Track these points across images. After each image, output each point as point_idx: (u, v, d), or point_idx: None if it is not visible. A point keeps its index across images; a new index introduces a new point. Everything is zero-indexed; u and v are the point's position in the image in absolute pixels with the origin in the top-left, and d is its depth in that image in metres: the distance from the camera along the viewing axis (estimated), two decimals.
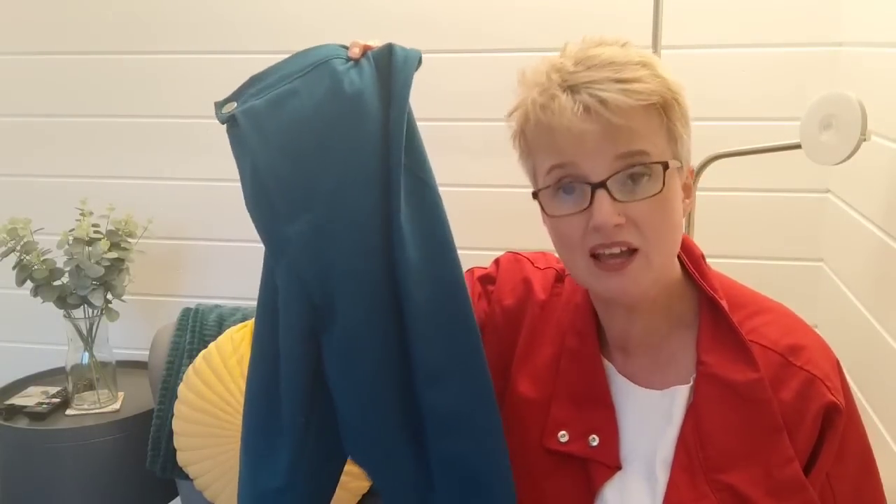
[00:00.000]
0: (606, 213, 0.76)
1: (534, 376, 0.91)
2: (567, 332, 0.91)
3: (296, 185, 0.82)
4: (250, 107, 0.83)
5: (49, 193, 1.80)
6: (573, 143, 0.77)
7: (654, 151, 0.78)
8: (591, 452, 0.85)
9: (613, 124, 0.75)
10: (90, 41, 1.72)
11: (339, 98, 0.81)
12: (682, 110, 0.81)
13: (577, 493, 0.85)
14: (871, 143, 1.09)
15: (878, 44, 1.25)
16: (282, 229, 0.82)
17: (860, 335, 1.26)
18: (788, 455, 0.79)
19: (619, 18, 1.46)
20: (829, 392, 0.80)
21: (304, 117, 0.81)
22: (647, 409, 0.86)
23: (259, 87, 0.84)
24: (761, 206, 1.53)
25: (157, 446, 1.52)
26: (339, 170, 0.81)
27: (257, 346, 0.89)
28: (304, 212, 0.81)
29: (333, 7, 1.61)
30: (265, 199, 0.83)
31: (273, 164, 0.82)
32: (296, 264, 0.82)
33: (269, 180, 0.82)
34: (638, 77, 0.77)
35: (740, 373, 0.82)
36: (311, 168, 0.81)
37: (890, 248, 1.16)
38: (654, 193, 0.77)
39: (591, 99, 0.76)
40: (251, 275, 1.75)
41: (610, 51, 0.79)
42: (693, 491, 0.80)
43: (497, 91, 1.64)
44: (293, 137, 0.81)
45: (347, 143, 0.81)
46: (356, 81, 0.81)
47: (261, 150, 0.82)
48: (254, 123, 0.82)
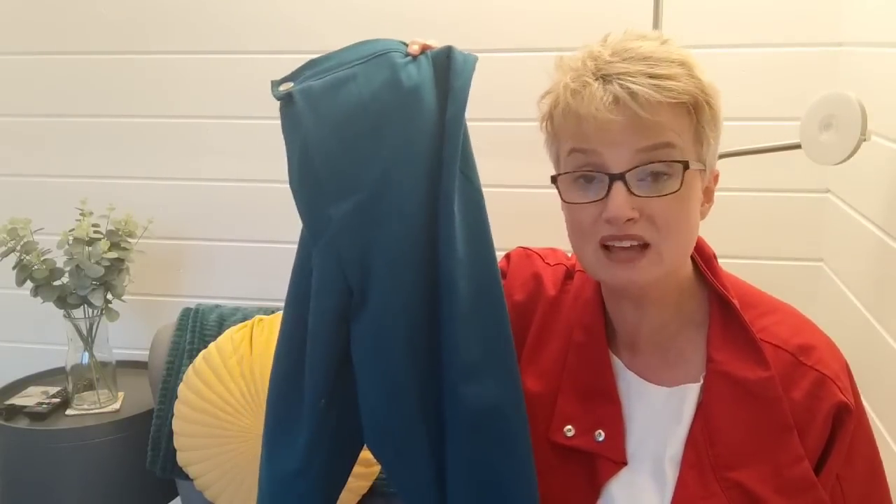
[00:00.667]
0: (620, 206, 0.76)
1: (541, 371, 0.92)
2: (575, 327, 0.91)
3: (345, 166, 0.82)
4: (308, 86, 0.84)
5: (49, 193, 1.79)
6: (598, 132, 0.77)
7: (678, 152, 0.78)
8: (597, 447, 0.85)
9: (640, 118, 0.75)
10: (90, 41, 1.72)
11: (397, 89, 0.82)
12: (714, 114, 0.80)
13: (581, 488, 0.85)
14: (871, 143, 1.09)
15: (878, 44, 1.25)
16: (326, 209, 0.83)
17: (860, 335, 1.26)
18: (798, 454, 0.80)
19: (620, 18, 1.46)
20: (839, 392, 0.80)
21: (361, 102, 0.82)
22: (656, 405, 0.86)
23: (317, 70, 0.85)
24: (761, 206, 1.53)
25: (157, 446, 1.52)
26: (390, 157, 0.82)
27: (285, 332, 0.90)
28: (351, 193, 0.82)
29: (333, 7, 1.61)
30: (312, 177, 0.84)
31: (325, 144, 0.83)
32: (335, 244, 0.83)
33: (319, 158, 0.83)
34: (671, 74, 0.77)
35: (751, 371, 0.82)
36: (363, 152, 0.82)
37: (890, 248, 1.16)
38: (672, 192, 0.77)
39: (622, 90, 0.76)
40: (251, 275, 1.76)
41: (649, 45, 0.79)
42: (702, 488, 0.81)
43: (497, 91, 1.65)
44: (348, 120, 0.82)
45: (401, 132, 0.82)
46: (414, 76, 0.83)
47: (314, 129, 0.83)
48: (310, 102, 0.83)
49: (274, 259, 1.74)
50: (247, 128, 1.70)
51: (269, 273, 1.75)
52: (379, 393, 0.85)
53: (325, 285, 0.84)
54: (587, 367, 0.88)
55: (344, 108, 0.83)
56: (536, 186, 1.61)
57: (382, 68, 0.83)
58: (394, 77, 0.82)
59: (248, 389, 1.40)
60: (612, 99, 0.76)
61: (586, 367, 0.88)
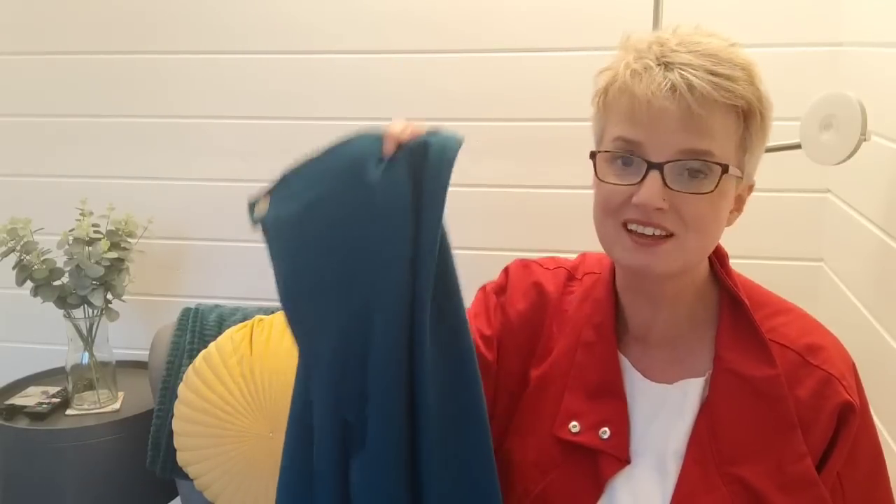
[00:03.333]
0: (652, 194, 0.77)
1: (549, 369, 0.92)
2: (584, 326, 0.91)
3: (325, 302, 0.80)
4: (279, 218, 0.81)
5: (49, 193, 1.79)
6: (648, 116, 0.77)
7: (720, 153, 0.78)
8: (602, 444, 0.85)
9: (692, 111, 0.76)
10: (91, 41, 1.72)
11: (369, 210, 0.78)
12: (764, 125, 0.81)
13: (584, 485, 0.86)
14: (871, 143, 1.09)
15: (878, 44, 1.25)
16: (314, 341, 0.81)
17: (860, 335, 1.26)
18: (801, 451, 0.80)
19: (620, 18, 1.46)
20: (845, 391, 0.81)
21: (333, 231, 0.79)
22: (660, 402, 0.86)
23: (290, 191, 0.82)
24: (761, 206, 1.52)
25: (157, 446, 1.52)
26: (368, 289, 0.78)
27: (287, 459, 0.88)
28: (335, 328, 0.80)
29: (333, 7, 1.61)
30: (298, 308, 0.82)
31: (301, 278, 0.81)
32: (328, 379, 0.81)
33: (297, 294, 0.81)
34: (733, 76, 0.77)
35: (758, 369, 0.83)
36: (339, 286, 0.79)
37: (890, 248, 1.16)
38: (705, 192, 0.78)
39: (681, 80, 0.76)
40: (251, 275, 1.76)
41: (717, 44, 0.79)
42: (704, 483, 0.81)
43: (498, 91, 1.65)
44: (321, 250, 0.79)
45: (375, 260, 0.78)
46: (388, 190, 0.77)
47: (289, 263, 0.81)
48: (281, 234, 0.81)
49: None
50: (247, 128, 1.70)
51: (269, 273, 1.74)
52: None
53: (323, 418, 0.82)
54: (596, 365, 0.89)
55: (315, 238, 0.79)
56: (536, 186, 1.62)
57: (354, 185, 0.78)
58: (366, 197, 0.77)
59: (248, 389, 1.40)
60: (670, 87, 0.76)
61: (595, 365, 0.89)
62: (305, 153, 0.82)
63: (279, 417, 1.37)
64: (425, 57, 1.60)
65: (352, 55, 1.63)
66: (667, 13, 1.33)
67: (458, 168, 1.74)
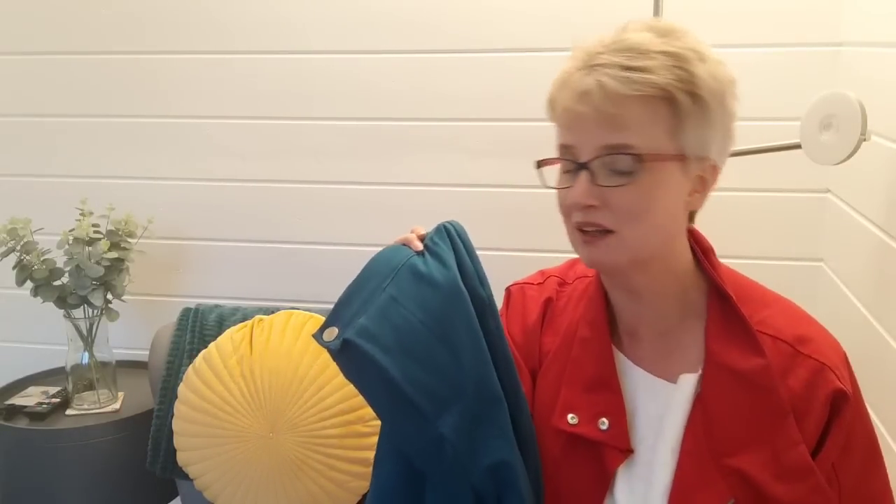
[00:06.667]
0: (579, 194, 0.81)
1: (549, 366, 0.95)
2: (580, 323, 0.94)
3: (434, 382, 0.85)
4: (361, 327, 0.84)
5: (49, 193, 1.80)
6: (570, 122, 0.82)
7: (642, 143, 0.79)
8: (602, 436, 0.87)
9: (602, 111, 0.79)
10: (90, 41, 1.72)
11: (436, 288, 0.86)
12: (703, 104, 0.80)
13: (592, 478, 0.88)
14: (871, 143, 1.09)
15: (878, 44, 1.25)
16: (434, 431, 0.84)
17: (860, 335, 1.26)
18: (795, 438, 0.81)
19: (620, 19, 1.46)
20: (837, 380, 0.82)
21: (414, 318, 0.85)
22: (656, 395, 0.88)
23: (353, 309, 0.86)
24: (761, 206, 1.53)
25: (157, 446, 1.52)
26: (467, 352, 0.86)
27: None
28: (451, 404, 0.85)
29: (333, 8, 1.61)
30: (409, 408, 0.84)
31: (408, 371, 0.84)
32: (459, 461, 0.85)
33: (409, 387, 0.84)
34: (647, 67, 0.78)
35: (747, 360, 0.83)
36: (441, 360, 0.85)
37: (890, 248, 1.16)
38: (623, 184, 0.80)
39: (594, 83, 0.79)
40: (251, 275, 1.76)
41: (641, 37, 0.80)
42: (701, 476, 0.82)
43: (498, 91, 1.65)
44: (414, 340, 0.85)
45: (463, 325, 0.86)
46: (440, 267, 0.87)
47: (391, 362, 0.83)
48: (372, 340, 0.84)
49: (274, 259, 1.74)
50: (247, 128, 1.70)
51: (269, 273, 1.76)
52: None
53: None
54: (591, 359, 0.91)
55: (405, 331, 0.84)
56: (536, 186, 1.61)
57: (411, 279, 0.87)
58: (428, 279, 0.86)
59: (248, 389, 1.40)
60: (583, 91, 0.79)
61: (590, 360, 0.91)
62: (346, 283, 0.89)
63: (279, 417, 1.37)
64: (425, 57, 1.60)
65: (351, 55, 1.63)
66: (667, 13, 1.33)
67: (458, 168, 1.75)
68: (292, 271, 1.74)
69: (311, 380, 1.38)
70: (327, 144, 1.68)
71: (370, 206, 1.69)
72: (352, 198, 1.70)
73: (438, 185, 1.64)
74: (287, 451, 1.36)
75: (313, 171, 1.70)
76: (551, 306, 0.99)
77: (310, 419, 1.36)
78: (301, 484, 1.38)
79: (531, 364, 0.97)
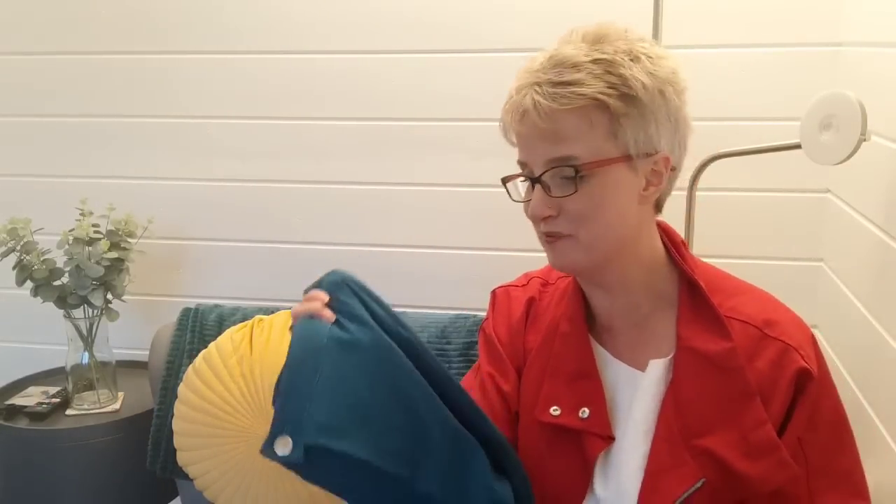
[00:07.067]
0: (535, 206, 0.87)
1: (532, 362, 0.98)
2: (561, 319, 0.97)
3: (404, 445, 0.83)
4: (319, 424, 0.81)
5: (49, 193, 1.79)
6: (518, 141, 0.88)
7: (583, 151, 0.83)
8: (583, 424, 0.90)
9: (540, 128, 0.83)
10: (91, 41, 1.72)
11: (366, 350, 0.84)
12: (639, 104, 0.83)
13: (575, 469, 0.90)
14: (871, 143, 1.09)
15: (878, 44, 1.25)
16: (419, 489, 0.83)
17: (860, 335, 1.26)
18: (761, 418, 0.84)
19: (620, 19, 1.46)
20: (801, 359, 0.85)
21: (360, 390, 0.82)
22: (632, 383, 0.91)
23: (295, 407, 0.84)
24: (761, 206, 1.53)
25: (157, 446, 1.52)
26: (419, 402, 0.85)
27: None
28: (428, 458, 0.84)
29: (333, 8, 1.61)
30: (388, 481, 0.83)
31: (375, 447, 0.81)
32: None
33: (382, 462, 0.82)
34: (573, 80, 0.82)
35: (714, 343, 0.87)
36: (400, 421, 0.83)
37: (890, 248, 1.16)
38: (580, 190, 0.84)
39: (529, 102, 0.83)
40: (251, 275, 1.76)
41: (570, 50, 0.84)
42: (673, 458, 0.85)
43: (497, 91, 1.64)
44: (367, 412, 0.82)
45: (405, 376, 0.85)
46: (360, 328, 0.85)
47: (358, 448, 0.81)
48: (335, 434, 0.81)
49: (274, 259, 1.74)
50: (247, 128, 1.70)
51: (269, 273, 1.76)
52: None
53: None
54: (571, 352, 0.95)
55: (358, 407, 0.82)
56: None
57: (340, 351, 0.83)
58: (356, 347, 0.83)
59: (248, 389, 1.39)
60: (522, 112, 0.85)
61: (570, 353, 0.95)
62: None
63: None
64: (425, 57, 1.60)
65: (352, 55, 1.63)
66: (667, 13, 1.33)
67: (458, 168, 1.75)
68: (292, 271, 1.74)
69: None
70: (327, 144, 1.68)
71: (370, 206, 1.69)
72: (352, 198, 1.69)
73: (438, 185, 1.64)
74: None
75: (313, 171, 1.70)
76: (534, 305, 1.02)
77: None
78: (301, 484, 1.37)
79: (517, 362, 1.00)
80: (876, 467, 1.10)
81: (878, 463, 1.13)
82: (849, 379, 1.31)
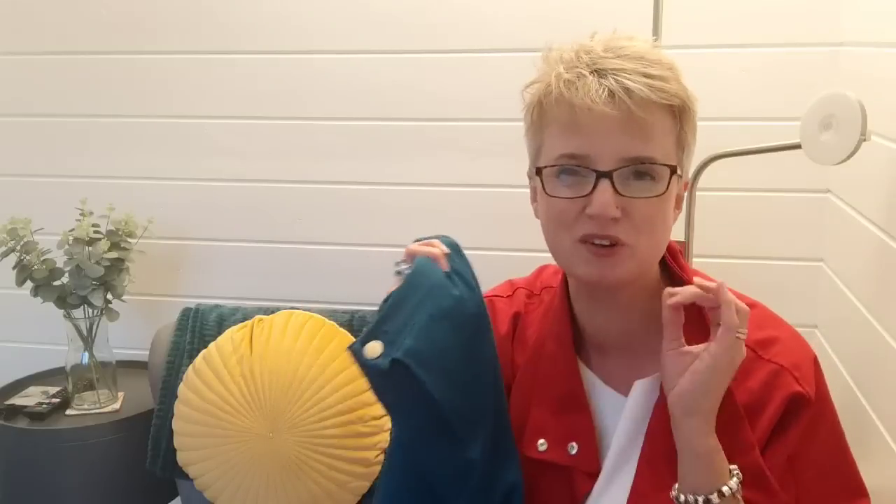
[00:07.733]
0: (606, 204, 0.76)
1: (519, 382, 0.93)
2: (546, 338, 0.91)
3: (468, 409, 0.83)
4: (410, 348, 0.80)
5: (49, 193, 1.79)
6: (591, 124, 0.77)
7: (662, 154, 0.78)
8: (572, 461, 0.85)
9: (633, 115, 0.75)
10: (90, 41, 1.72)
11: (467, 310, 0.83)
12: (694, 121, 0.81)
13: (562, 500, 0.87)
14: (871, 143, 1.09)
15: (878, 44, 1.25)
16: (465, 454, 0.83)
17: (860, 335, 1.26)
18: (749, 443, 0.81)
19: (620, 18, 1.45)
20: (795, 382, 0.82)
21: (452, 341, 0.82)
22: (619, 409, 0.86)
23: (397, 325, 0.82)
24: (761, 206, 1.53)
25: (157, 446, 1.52)
26: (488, 375, 0.86)
27: None
28: (482, 428, 0.84)
29: (333, 8, 1.61)
30: (445, 432, 0.83)
31: (447, 395, 0.81)
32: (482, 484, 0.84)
33: (450, 412, 0.82)
34: (664, 76, 0.77)
35: None
36: (474, 388, 0.84)
37: (890, 248, 1.16)
38: (657, 195, 0.78)
39: (617, 85, 0.75)
40: (251, 275, 1.76)
41: (641, 46, 0.79)
42: (658, 481, 0.81)
43: (497, 91, 1.65)
44: (450, 363, 0.82)
45: (485, 348, 0.87)
46: (466, 289, 0.84)
47: (434, 386, 0.80)
48: (421, 364, 0.80)
49: (274, 259, 1.74)
50: (247, 128, 1.70)
51: (269, 273, 1.76)
52: None
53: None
54: (558, 376, 0.89)
55: (446, 354, 0.81)
56: None
57: (447, 299, 0.82)
58: (460, 303, 0.83)
59: (248, 389, 1.40)
60: (608, 93, 0.75)
61: (557, 377, 0.89)
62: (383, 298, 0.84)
63: (279, 417, 1.37)
64: (425, 57, 1.60)
65: (352, 55, 1.63)
66: (667, 13, 1.33)
67: (458, 168, 1.75)
68: (292, 271, 1.74)
69: (310, 380, 1.38)
70: (327, 144, 1.68)
71: (370, 206, 1.69)
72: (352, 198, 1.70)
73: (438, 185, 1.64)
74: (287, 451, 1.36)
75: (313, 171, 1.70)
76: (520, 321, 0.96)
77: (310, 419, 1.36)
78: (301, 484, 1.38)
79: (506, 378, 0.94)
80: (875, 468, 1.10)
81: (877, 463, 1.13)
82: (849, 379, 1.31)
